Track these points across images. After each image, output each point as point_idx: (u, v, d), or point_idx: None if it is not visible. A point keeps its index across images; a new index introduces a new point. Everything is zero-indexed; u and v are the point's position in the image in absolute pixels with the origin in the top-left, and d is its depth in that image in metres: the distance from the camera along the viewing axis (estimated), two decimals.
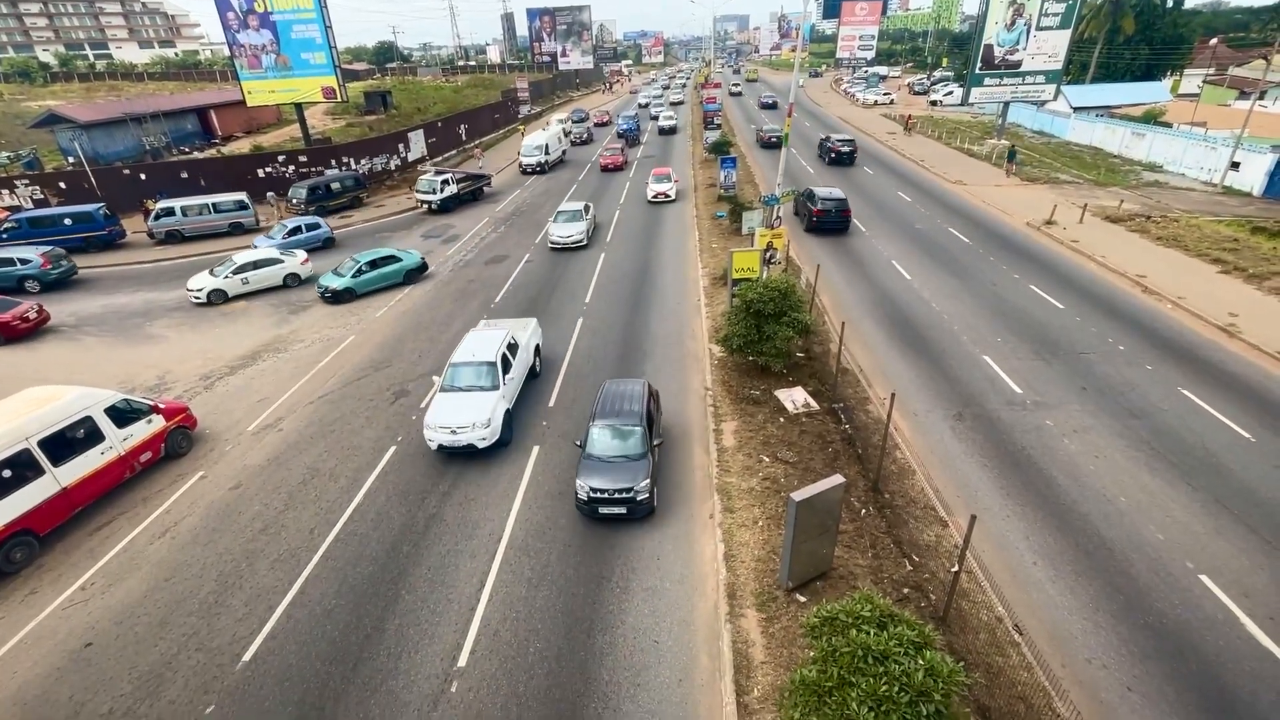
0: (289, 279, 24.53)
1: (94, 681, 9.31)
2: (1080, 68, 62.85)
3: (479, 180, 38.23)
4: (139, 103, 49.52)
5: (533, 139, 45.19)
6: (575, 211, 27.97)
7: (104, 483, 12.97)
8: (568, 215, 27.80)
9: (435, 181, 34.96)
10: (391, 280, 23.85)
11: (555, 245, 26.90)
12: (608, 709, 8.56)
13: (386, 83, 77.40)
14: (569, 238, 26.88)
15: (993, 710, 8.22)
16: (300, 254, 25.38)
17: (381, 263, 23.77)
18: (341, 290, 22.73)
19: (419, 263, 24.85)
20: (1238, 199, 31.59)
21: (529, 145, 44.47)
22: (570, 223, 27.39)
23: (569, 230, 26.98)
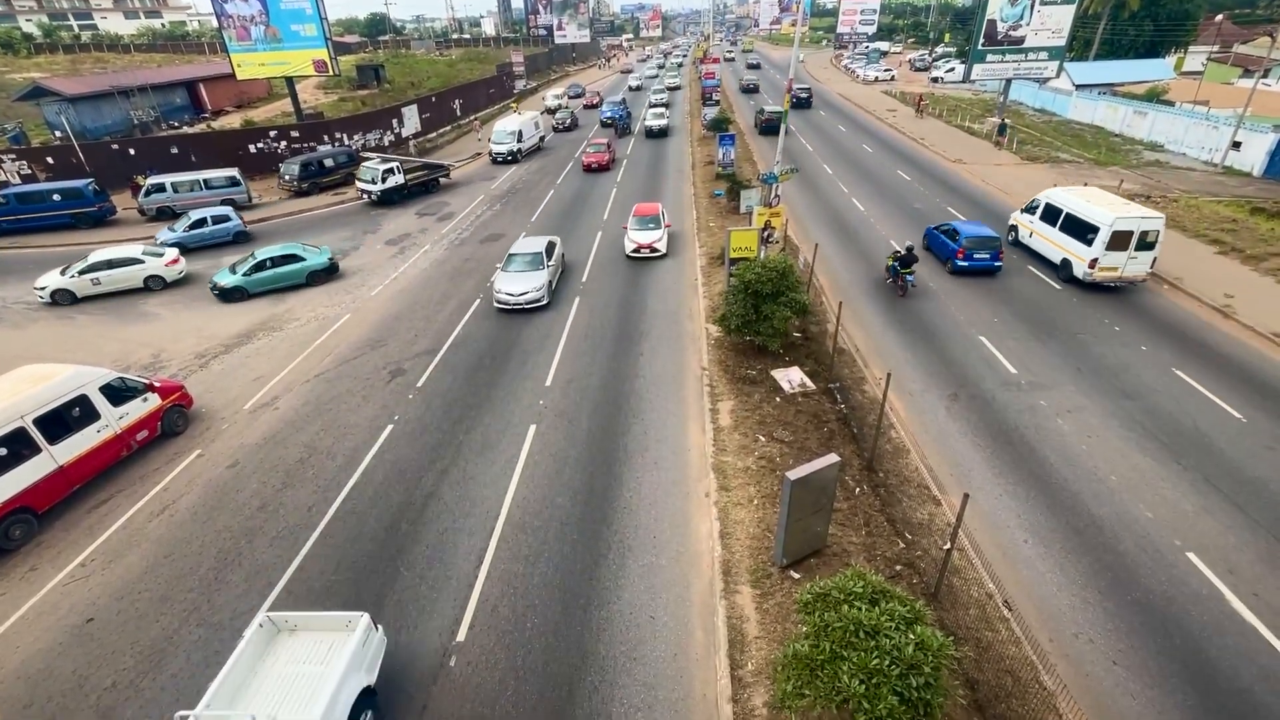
0: (150, 281, 22.04)
1: (96, 656, 9.43)
2: (1084, 44, 61.99)
3: (435, 170, 34.78)
4: (126, 75, 48.48)
5: (505, 124, 40.85)
6: (533, 256, 20.36)
7: (101, 461, 12.99)
8: (523, 261, 20.32)
9: (377, 170, 31.28)
10: (290, 281, 21.81)
11: (502, 306, 19.50)
12: (604, 682, 8.72)
13: (379, 56, 75.95)
14: (523, 295, 19.23)
15: (981, 683, 8.41)
16: (169, 254, 22.71)
17: (281, 261, 21.71)
18: (231, 289, 20.95)
19: (325, 264, 22.40)
20: (1237, 179, 31.45)
21: (501, 131, 40.31)
22: (525, 272, 19.90)
23: (522, 285, 19.37)
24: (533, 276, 19.72)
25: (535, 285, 19.42)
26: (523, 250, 20.74)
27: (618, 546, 10.94)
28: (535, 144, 42.96)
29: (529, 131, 41.86)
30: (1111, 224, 18.50)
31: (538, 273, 19.87)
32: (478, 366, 16.71)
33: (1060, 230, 20.55)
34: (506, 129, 40.27)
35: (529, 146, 41.66)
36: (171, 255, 22.77)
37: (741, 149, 37.80)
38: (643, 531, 11.24)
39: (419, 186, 33.64)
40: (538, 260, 20.28)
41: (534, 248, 20.71)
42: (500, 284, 19.67)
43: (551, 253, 21.09)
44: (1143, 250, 18.74)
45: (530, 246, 20.91)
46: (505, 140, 39.95)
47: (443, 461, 13.18)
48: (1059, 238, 20.59)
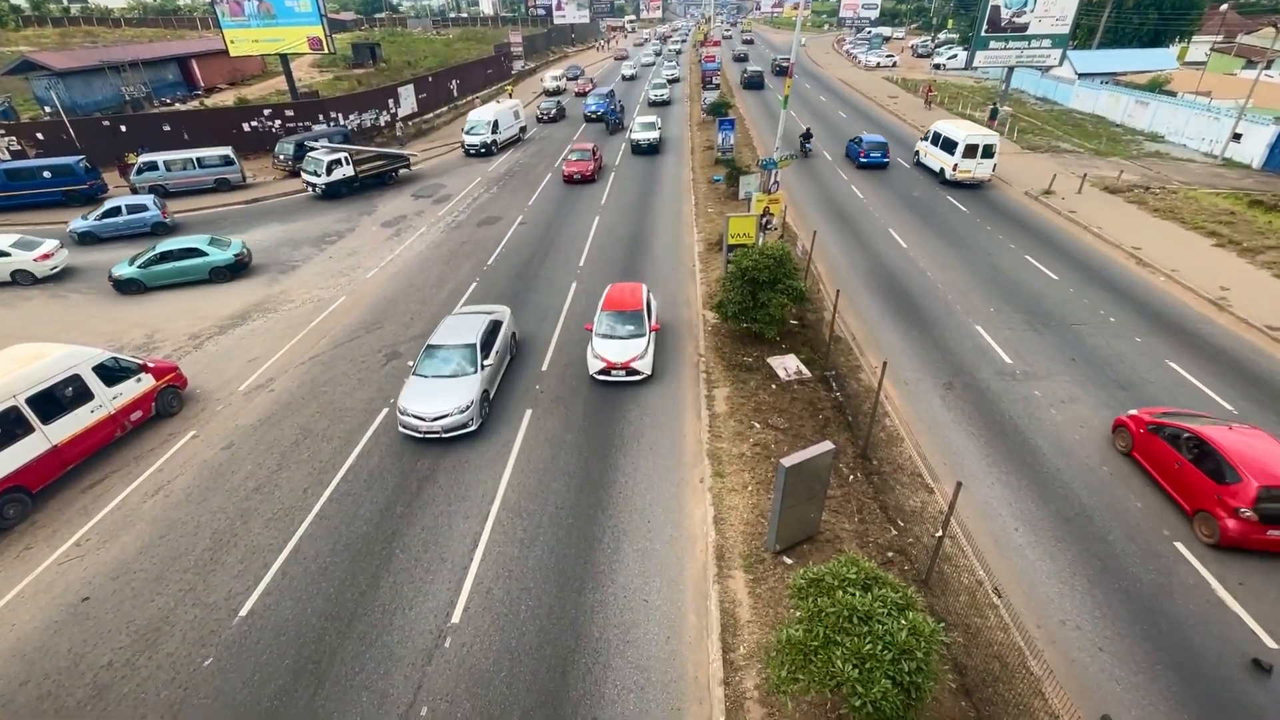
0: (18, 276, 20.65)
1: (92, 634, 9.47)
2: (1087, 32, 61.48)
3: (395, 161, 32.17)
4: (117, 50, 47.61)
5: (480, 113, 37.65)
6: (462, 351, 13.89)
7: (95, 441, 12.95)
8: (446, 359, 13.83)
9: (322, 160, 28.70)
10: (192, 276, 20.72)
11: (410, 432, 13.16)
12: (598, 664, 8.82)
13: (375, 34, 74.75)
14: (440, 419, 12.88)
15: (970, 668, 8.53)
16: (45, 245, 21.22)
17: (181, 255, 20.56)
18: (125, 280, 20.03)
19: (231, 260, 21.01)
20: (1237, 171, 31.39)
21: (475, 121, 37.12)
22: (448, 379, 13.47)
23: (442, 400, 13.03)
24: (458, 386, 13.15)
25: (460, 402, 12.90)
26: (448, 340, 14.24)
27: (612, 531, 11.00)
28: (514, 135, 39.99)
29: (506, 122, 38.78)
30: (965, 139, 27.91)
31: (467, 379, 13.32)
32: None
33: (939, 148, 29.85)
34: (482, 118, 37.21)
35: (507, 138, 38.79)
36: (46, 249, 21.18)
37: (741, 134, 37.50)
38: (637, 516, 11.30)
39: (373, 179, 30.98)
40: (469, 356, 13.71)
41: (464, 335, 14.28)
42: (408, 397, 13.10)
43: (492, 341, 14.54)
44: (985, 158, 27.98)
45: (459, 333, 14.45)
46: (480, 131, 36.73)
47: (439, 446, 13.18)
48: (938, 153, 29.94)
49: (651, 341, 15.27)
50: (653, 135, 35.70)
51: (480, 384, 13.54)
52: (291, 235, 25.27)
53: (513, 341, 16.29)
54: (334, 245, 24.25)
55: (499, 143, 37.60)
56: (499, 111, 38.27)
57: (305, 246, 24.14)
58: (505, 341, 15.45)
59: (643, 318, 15.46)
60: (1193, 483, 10.82)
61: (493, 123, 37.07)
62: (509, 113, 39.38)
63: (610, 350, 14.80)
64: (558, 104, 47.01)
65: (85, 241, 24.26)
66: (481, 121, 37.15)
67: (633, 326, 15.25)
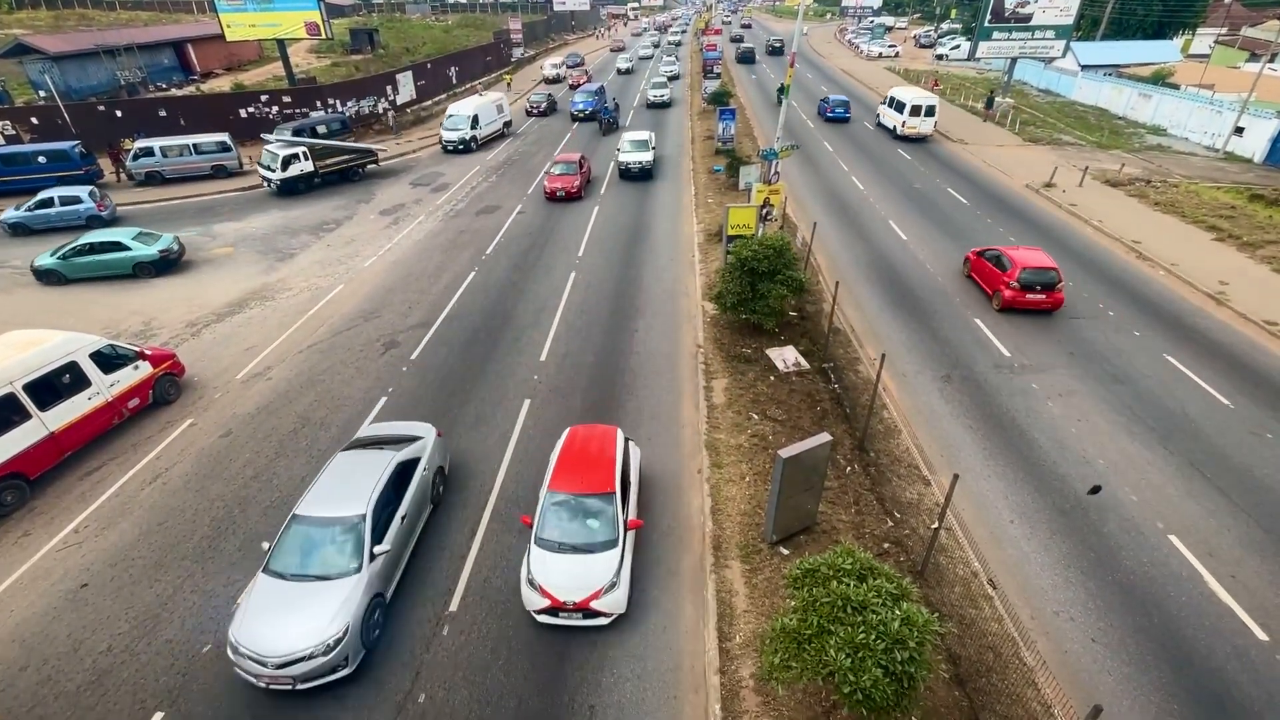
0: None
1: (91, 620, 9.50)
2: (1091, 23, 61.05)
3: (362, 156, 30.47)
4: (112, 34, 47.06)
5: (459, 107, 35.42)
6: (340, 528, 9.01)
7: (92, 428, 12.93)
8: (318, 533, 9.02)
9: (277, 155, 27.18)
10: (114, 270, 20.12)
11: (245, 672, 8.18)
12: (595, 652, 8.87)
13: (373, 20, 73.99)
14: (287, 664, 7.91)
15: (963, 658, 8.60)
16: None
17: (104, 248, 19.99)
18: (45, 270, 19.67)
19: (155, 256, 20.27)
20: (1238, 165, 31.31)
21: (454, 115, 34.99)
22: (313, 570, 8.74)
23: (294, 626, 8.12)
24: (318, 603, 8.36)
25: (321, 633, 8.08)
26: (320, 511, 9.19)
27: None
28: (497, 130, 37.65)
29: (488, 116, 36.51)
30: (911, 100, 34.67)
31: (340, 585, 8.54)
32: (472, 340, 16.63)
33: (892, 109, 36.46)
34: (461, 112, 34.93)
35: (488, 134, 36.62)
36: None
37: (742, 124, 37.30)
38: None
39: (335, 174, 29.43)
40: (352, 542, 8.91)
41: (350, 505, 9.17)
42: (242, 623, 8.29)
43: (398, 500, 9.81)
44: (928, 116, 34.64)
45: (341, 501, 9.26)
46: (458, 126, 34.63)
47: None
48: (891, 113, 36.56)
49: (628, 555, 9.33)
50: (644, 157, 28.88)
51: (364, 590, 8.56)
52: (289, 223, 25.14)
53: (438, 479, 11.19)
54: (332, 233, 24.14)
55: (479, 139, 35.51)
56: (479, 106, 35.91)
57: (303, 234, 24.02)
58: (423, 491, 10.51)
59: (614, 508, 9.50)
60: (992, 275, 17.96)
61: (472, 117, 34.89)
62: (491, 107, 36.98)
63: (557, 575, 8.89)
64: (548, 97, 44.71)
65: (17, 233, 23.49)
66: (460, 116, 34.96)
67: (596, 525, 9.41)
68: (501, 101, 38.56)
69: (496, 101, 38.00)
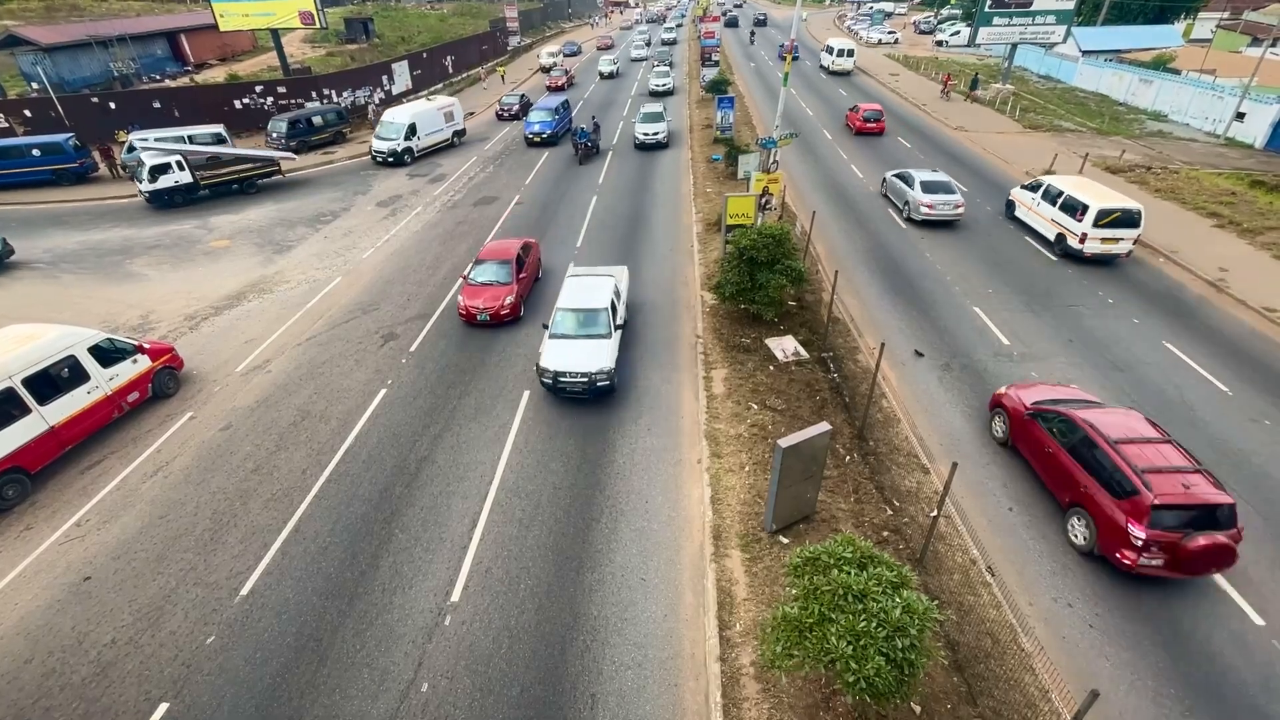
0: None
1: (95, 613, 9.55)
2: (1093, 8, 60.53)
3: (263, 165, 27.42)
4: (105, 25, 46.58)
5: (395, 114, 31.55)
6: None
7: (92, 422, 12.94)
8: None
9: (145, 165, 24.41)
10: None
11: None
12: (596, 641, 8.94)
13: (368, 9, 73.27)
14: None
15: (962, 645, 8.67)
16: None
17: None
18: None
19: None
20: (1239, 151, 31.15)
21: (389, 123, 31.09)
22: None
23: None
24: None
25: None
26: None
27: (610, 511, 11.08)
28: (443, 140, 33.27)
29: (430, 124, 32.17)
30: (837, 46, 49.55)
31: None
32: (471, 332, 16.61)
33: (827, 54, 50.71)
34: (396, 120, 31.00)
35: (429, 144, 32.38)
36: None
37: (740, 112, 37.05)
38: (635, 496, 11.37)
39: (224, 185, 26.35)
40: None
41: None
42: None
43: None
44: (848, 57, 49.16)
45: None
46: (390, 135, 30.60)
47: (436, 426, 13.21)
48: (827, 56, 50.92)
49: None
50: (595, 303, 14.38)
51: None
52: (286, 215, 25.03)
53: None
54: (329, 225, 24.04)
55: (416, 150, 31.50)
56: (418, 113, 31.77)
57: (300, 226, 23.92)
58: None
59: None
60: None
61: (408, 126, 30.77)
62: (435, 114, 32.63)
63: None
64: (521, 99, 40.21)
65: None
66: (394, 124, 30.86)
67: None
68: (452, 108, 33.90)
69: (445, 108, 33.48)
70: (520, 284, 17.09)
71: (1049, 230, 20.64)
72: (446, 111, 33.50)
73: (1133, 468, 9.39)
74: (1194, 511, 8.99)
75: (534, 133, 32.96)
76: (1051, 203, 20.56)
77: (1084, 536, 10.05)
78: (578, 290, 14.76)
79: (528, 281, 17.92)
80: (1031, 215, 21.62)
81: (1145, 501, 9.04)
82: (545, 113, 33.58)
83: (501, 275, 16.97)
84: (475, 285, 16.89)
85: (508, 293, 16.59)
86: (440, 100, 34.13)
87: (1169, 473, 9.30)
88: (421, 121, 31.76)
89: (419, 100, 34.94)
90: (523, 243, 18.33)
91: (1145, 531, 9.00)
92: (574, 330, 13.93)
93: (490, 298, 16.44)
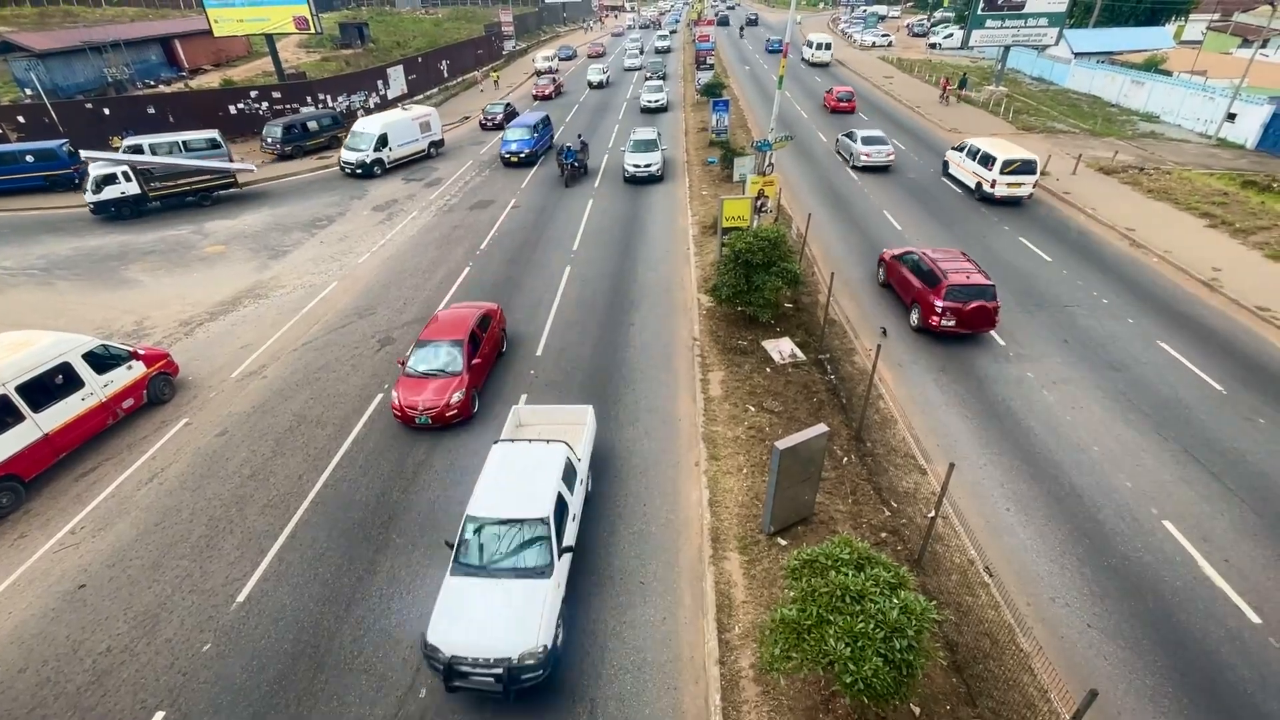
0: None
1: (90, 621, 9.49)
2: (1084, 10, 60.92)
3: (221, 178, 26.23)
4: (99, 31, 46.50)
5: (366, 124, 30.05)
6: None
7: (87, 429, 12.87)
8: None
9: (99, 173, 23.66)
10: None
11: None
12: (594, 645, 8.91)
13: (363, 14, 73.28)
14: None
15: (960, 645, 8.67)
16: None
17: None
18: None
19: None
20: (1231, 151, 31.36)
21: (359, 133, 29.67)
22: None
23: None
24: None
25: None
26: None
27: (608, 514, 11.06)
28: (418, 151, 32.06)
29: (403, 135, 30.81)
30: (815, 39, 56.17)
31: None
32: None
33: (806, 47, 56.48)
34: (367, 130, 29.59)
35: (402, 155, 31.14)
36: None
37: (736, 115, 37.15)
38: (633, 499, 11.36)
39: (176, 198, 25.56)
40: None
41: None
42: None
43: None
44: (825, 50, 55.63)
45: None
46: (360, 146, 29.33)
47: (433, 431, 13.16)
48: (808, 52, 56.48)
49: None
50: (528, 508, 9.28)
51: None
52: (280, 220, 24.98)
53: None
54: (325, 230, 24.00)
55: (388, 161, 30.28)
56: (391, 123, 30.37)
57: (295, 231, 23.88)
58: None
59: None
60: None
61: (379, 137, 29.48)
62: (410, 124, 31.36)
63: None
64: (506, 107, 38.58)
65: None
66: (365, 134, 29.48)
67: None
68: (429, 118, 32.68)
69: (421, 118, 32.18)
70: (473, 372, 13.44)
71: (970, 181, 25.58)
72: (422, 122, 32.25)
73: (940, 269, 15.54)
74: (970, 289, 15.03)
75: (510, 151, 30.12)
76: (972, 159, 25.53)
77: (916, 318, 16.03)
78: (502, 476, 9.68)
79: (483, 367, 14.07)
80: (959, 170, 26.51)
81: (943, 284, 15.15)
82: (523, 130, 30.81)
83: (449, 362, 13.34)
84: (414, 377, 13.27)
85: (456, 386, 12.99)
86: (416, 110, 32.92)
87: (958, 271, 15.41)
88: (394, 132, 30.47)
89: (393, 110, 33.08)
90: (482, 311, 14.66)
91: (942, 301, 15.05)
92: (487, 560, 8.72)
93: (433, 393, 12.87)
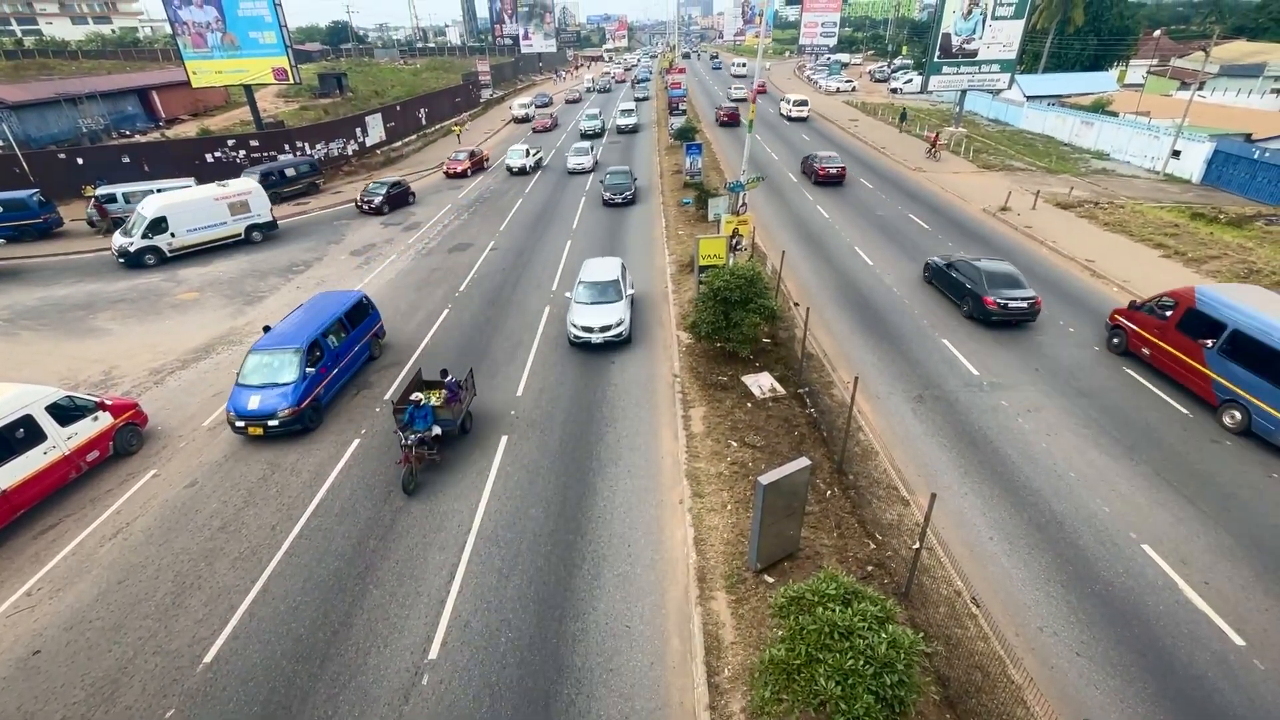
0: None
1: (44, 690, 8.93)
2: (1033, 57, 64.65)
3: None
4: (74, 83, 46.72)
5: (146, 203, 24.42)
6: None
7: (47, 484, 12.36)
8: None
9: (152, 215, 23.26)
10: None
11: None
12: (581, 694, 8.62)
13: (341, 64, 74.77)
14: None
15: (952, 679, 8.56)
16: None
17: None
18: None
19: None
20: (1178, 185, 33.04)
21: (139, 218, 24.34)
22: None
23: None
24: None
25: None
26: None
27: (592, 556, 10.86)
28: (228, 235, 26.26)
29: (196, 219, 25.16)
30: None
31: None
32: None
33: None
34: (144, 214, 24.19)
35: (198, 243, 25.49)
36: None
37: (709, 158, 38.23)
38: (617, 540, 11.18)
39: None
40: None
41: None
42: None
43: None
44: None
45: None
46: (131, 231, 24.33)
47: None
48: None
49: None
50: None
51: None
52: (257, 265, 24.82)
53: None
54: (301, 275, 23.88)
55: (168, 250, 24.60)
56: (172, 205, 24.40)
57: (272, 277, 23.72)
58: None
59: None
60: None
61: (151, 221, 23.97)
62: (207, 205, 25.28)
63: None
64: (388, 190, 31.44)
65: None
66: (143, 219, 24.02)
67: None
68: (246, 197, 26.28)
69: (234, 197, 25.83)
70: None
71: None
72: (235, 201, 25.78)
73: None
74: None
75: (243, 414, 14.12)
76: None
77: None
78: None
79: None
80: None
81: None
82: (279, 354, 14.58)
83: None
84: None
85: None
86: (236, 185, 26.67)
87: None
88: (178, 215, 24.47)
89: (210, 186, 26.59)
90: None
91: None
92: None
93: None
